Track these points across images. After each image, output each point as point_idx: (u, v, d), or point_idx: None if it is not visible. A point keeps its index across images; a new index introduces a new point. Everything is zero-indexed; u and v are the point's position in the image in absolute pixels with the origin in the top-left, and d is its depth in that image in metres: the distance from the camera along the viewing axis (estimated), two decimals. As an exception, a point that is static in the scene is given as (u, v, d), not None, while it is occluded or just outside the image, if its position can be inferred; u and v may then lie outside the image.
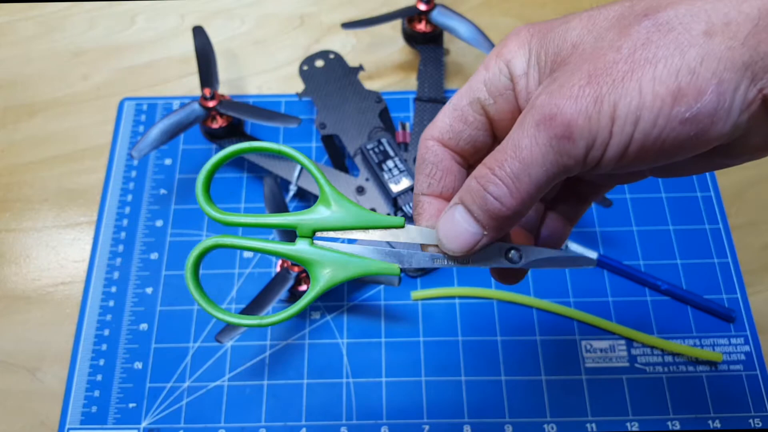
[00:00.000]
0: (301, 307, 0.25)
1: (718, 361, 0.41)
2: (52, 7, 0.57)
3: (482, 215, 0.23)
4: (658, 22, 0.19)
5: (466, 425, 0.40)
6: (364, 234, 0.25)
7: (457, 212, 0.23)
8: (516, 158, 0.21)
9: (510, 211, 0.22)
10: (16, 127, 0.51)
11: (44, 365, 0.42)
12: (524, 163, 0.21)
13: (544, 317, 0.43)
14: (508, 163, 0.21)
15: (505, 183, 0.21)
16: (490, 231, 0.23)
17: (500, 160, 0.22)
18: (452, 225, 0.24)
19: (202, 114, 0.45)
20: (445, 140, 0.25)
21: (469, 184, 0.23)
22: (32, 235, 0.47)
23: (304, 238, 0.25)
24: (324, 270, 0.25)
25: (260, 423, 0.40)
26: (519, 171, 0.21)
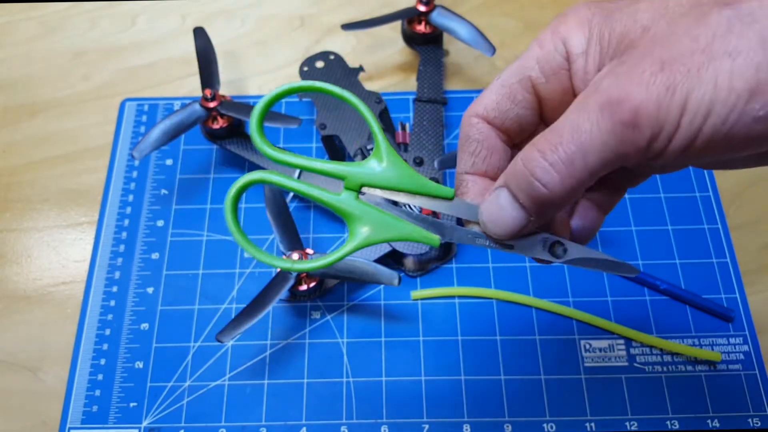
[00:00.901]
0: (334, 259, 0.24)
1: (717, 361, 0.41)
2: (52, 8, 0.57)
3: (528, 201, 0.22)
4: (741, 13, 0.18)
5: (465, 424, 0.40)
6: (409, 198, 0.25)
7: (501, 195, 0.23)
8: (573, 142, 0.20)
9: (558, 198, 0.21)
10: (17, 127, 0.51)
11: (45, 365, 0.42)
12: (581, 147, 0.20)
13: (544, 317, 0.43)
14: (563, 147, 0.20)
15: (556, 168, 0.20)
16: (536, 217, 0.22)
17: (554, 143, 0.20)
18: (496, 208, 0.23)
19: (203, 114, 0.45)
20: (490, 118, 0.24)
21: (515, 167, 0.22)
22: (33, 235, 0.47)
23: (349, 191, 0.25)
24: (364, 227, 0.24)
25: (261, 422, 0.40)
26: (574, 156, 0.20)
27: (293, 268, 0.25)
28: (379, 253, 0.43)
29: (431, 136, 0.47)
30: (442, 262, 0.45)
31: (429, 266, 0.45)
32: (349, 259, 0.40)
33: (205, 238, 0.46)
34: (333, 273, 0.40)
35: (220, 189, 0.48)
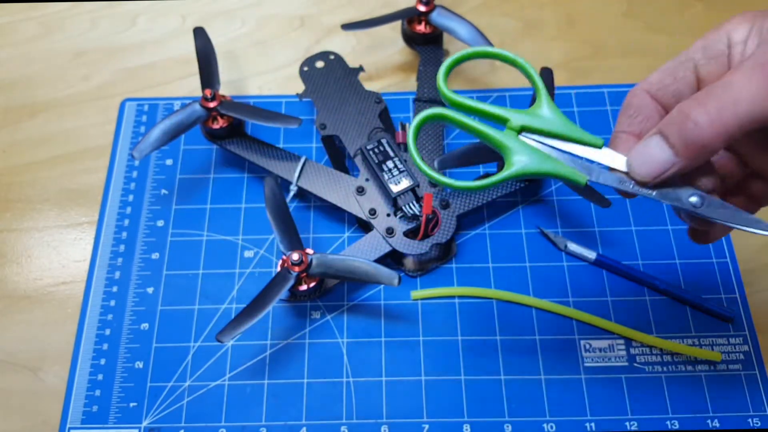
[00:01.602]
0: (493, 181, 0.28)
1: (717, 361, 0.41)
2: (53, 8, 0.57)
3: (678, 140, 0.24)
4: None
5: (465, 424, 0.40)
6: (563, 144, 0.28)
7: (653, 139, 0.26)
8: (725, 93, 0.23)
9: (706, 138, 0.24)
10: (17, 127, 0.51)
11: (45, 365, 0.42)
12: (733, 97, 0.23)
13: (544, 317, 0.43)
14: (716, 95, 0.23)
15: (709, 112, 0.23)
16: (682, 157, 0.25)
17: (709, 92, 0.24)
18: (645, 149, 0.26)
19: (203, 114, 0.45)
20: (653, 92, 0.28)
21: (671, 114, 0.25)
22: (33, 235, 0.47)
23: (511, 131, 0.28)
24: (520, 157, 0.28)
25: (261, 422, 0.40)
26: (726, 103, 0.23)
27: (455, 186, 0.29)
28: (379, 253, 0.43)
29: (431, 136, 0.47)
30: (441, 262, 0.45)
31: (429, 266, 0.45)
32: (349, 259, 0.40)
33: (205, 238, 0.46)
34: (333, 273, 0.40)
35: (220, 189, 0.48)
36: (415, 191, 0.43)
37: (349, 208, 0.44)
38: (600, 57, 0.54)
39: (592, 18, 0.56)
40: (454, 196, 0.44)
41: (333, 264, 0.40)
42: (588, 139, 0.28)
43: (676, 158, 0.25)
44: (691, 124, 0.24)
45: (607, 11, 0.56)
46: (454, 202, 0.44)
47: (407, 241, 0.43)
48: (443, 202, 0.44)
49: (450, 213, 0.44)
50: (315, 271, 0.40)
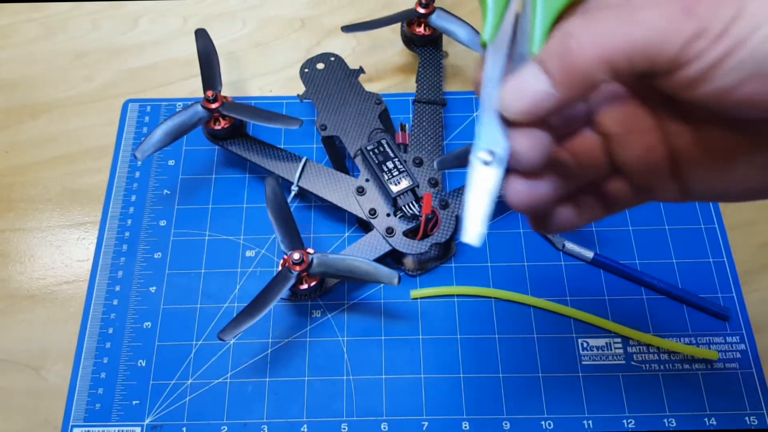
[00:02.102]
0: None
1: (714, 360, 0.42)
2: (55, 9, 0.58)
3: (555, 64, 0.20)
4: None
5: (464, 422, 0.40)
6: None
7: (529, 67, 0.21)
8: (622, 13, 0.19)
9: (587, 63, 0.20)
10: (20, 127, 0.52)
11: (48, 363, 0.43)
12: (630, 18, 0.19)
13: (542, 315, 0.43)
14: (609, 14, 0.20)
15: (595, 32, 0.20)
16: (559, 87, 0.20)
17: (606, 13, 0.20)
18: (519, 78, 0.21)
19: (205, 115, 0.45)
20: None
21: (553, 36, 0.21)
22: (36, 234, 0.47)
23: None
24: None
25: (262, 419, 0.40)
26: (619, 24, 0.19)
27: None
28: (378, 253, 0.43)
29: (431, 136, 0.47)
30: (441, 261, 0.45)
31: (428, 266, 0.45)
32: (349, 258, 0.41)
33: (207, 238, 0.46)
34: (333, 272, 0.41)
35: (222, 189, 0.48)
36: (414, 191, 0.43)
37: (350, 208, 0.44)
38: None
39: None
40: (454, 196, 0.45)
41: (333, 263, 0.41)
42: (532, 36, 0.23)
43: (553, 88, 0.20)
44: (573, 43, 0.20)
45: None
46: (454, 202, 0.44)
47: (407, 240, 0.43)
48: (443, 202, 0.44)
49: (449, 213, 0.44)
50: (316, 271, 0.40)
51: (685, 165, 0.24)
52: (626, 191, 0.26)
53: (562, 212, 0.25)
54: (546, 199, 0.23)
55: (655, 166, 0.24)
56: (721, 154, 0.23)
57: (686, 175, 0.24)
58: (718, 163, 0.23)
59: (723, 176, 0.23)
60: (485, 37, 0.23)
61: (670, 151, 0.24)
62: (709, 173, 0.24)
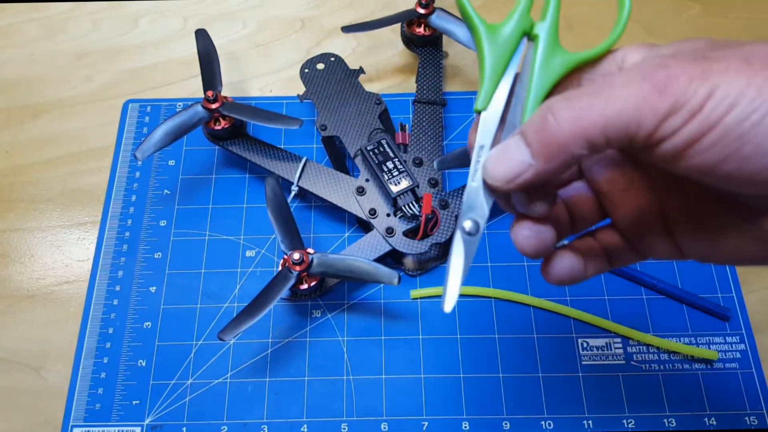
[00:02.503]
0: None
1: (714, 359, 0.42)
2: (55, 9, 0.58)
3: (535, 137, 0.21)
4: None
5: (464, 422, 0.40)
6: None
7: (512, 138, 0.22)
8: (598, 92, 0.20)
9: (564, 137, 0.20)
10: (21, 128, 0.52)
11: (48, 363, 0.43)
12: (605, 97, 0.20)
13: (542, 315, 0.43)
14: (586, 93, 0.21)
15: (573, 108, 0.20)
16: (538, 159, 0.21)
17: (580, 91, 0.21)
18: (502, 149, 0.23)
19: (205, 116, 0.45)
20: None
21: (535, 112, 0.22)
22: (37, 234, 0.47)
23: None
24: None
25: (262, 419, 0.40)
26: (595, 102, 0.20)
27: None
28: (379, 253, 0.43)
29: (430, 137, 0.47)
30: (441, 261, 0.45)
31: (428, 265, 0.45)
32: (349, 258, 0.41)
33: (207, 238, 0.46)
34: (333, 272, 0.41)
35: (222, 189, 0.48)
36: (414, 191, 0.43)
37: (350, 208, 0.44)
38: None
39: (590, 22, 0.57)
40: (454, 196, 0.45)
41: (333, 263, 0.41)
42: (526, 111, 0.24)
43: (533, 160, 0.21)
44: (551, 118, 0.21)
45: (605, 15, 0.57)
46: (453, 202, 0.44)
47: (407, 240, 0.43)
48: (442, 202, 0.44)
49: (449, 213, 0.44)
50: (316, 271, 0.40)
51: (676, 228, 0.25)
52: (622, 246, 0.27)
53: (572, 264, 0.26)
54: (551, 242, 0.24)
55: (647, 225, 0.26)
56: (711, 223, 0.24)
57: (678, 237, 0.25)
58: (708, 231, 0.24)
59: (713, 243, 0.24)
60: (479, 105, 0.25)
61: (661, 212, 0.25)
62: (700, 239, 0.25)
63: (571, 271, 0.26)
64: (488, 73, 0.25)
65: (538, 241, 0.24)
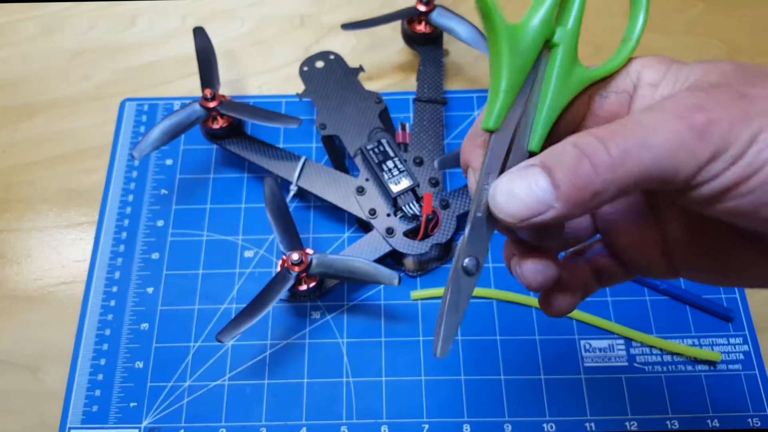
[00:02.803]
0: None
1: (717, 361, 0.41)
2: (52, 8, 0.57)
3: (565, 178, 0.19)
4: None
5: (465, 424, 0.40)
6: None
7: (532, 170, 0.20)
8: (636, 135, 0.19)
9: (600, 186, 0.19)
10: (17, 127, 0.51)
11: (45, 365, 0.42)
12: (642, 140, 0.19)
13: (543, 317, 0.43)
14: (624, 135, 0.19)
15: (612, 154, 0.19)
16: (563, 202, 0.19)
17: (615, 132, 0.19)
18: (519, 181, 0.20)
19: (202, 114, 0.45)
20: None
21: (561, 148, 0.20)
22: (33, 235, 0.47)
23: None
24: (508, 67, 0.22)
25: (261, 422, 0.40)
26: (633, 146, 0.18)
27: None
28: (379, 253, 0.43)
29: (431, 136, 0.47)
30: (441, 262, 0.45)
31: (429, 266, 0.45)
32: (349, 259, 0.40)
33: (205, 238, 0.46)
34: (333, 273, 0.40)
35: (220, 189, 0.48)
36: (415, 191, 0.43)
37: (349, 208, 0.44)
38: (601, 57, 0.53)
39: (592, 18, 0.56)
40: (455, 196, 0.44)
41: (333, 264, 0.40)
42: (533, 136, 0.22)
43: (557, 202, 0.19)
44: (587, 163, 0.19)
45: (607, 11, 0.56)
46: (454, 202, 0.44)
47: (407, 241, 0.43)
48: (443, 202, 0.44)
49: (450, 213, 0.44)
50: (315, 271, 0.40)
51: (676, 253, 0.24)
52: (613, 267, 0.26)
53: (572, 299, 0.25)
54: (556, 275, 0.23)
55: (646, 250, 0.25)
56: (719, 255, 0.23)
57: (677, 262, 0.25)
58: (715, 261, 0.23)
59: (719, 272, 0.24)
60: (491, 124, 0.22)
61: (663, 238, 0.25)
62: (704, 267, 0.24)
63: (569, 305, 0.25)
64: (505, 87, 0.21)
65: (545, 276, 0.23)
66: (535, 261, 0.23)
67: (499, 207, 0.21)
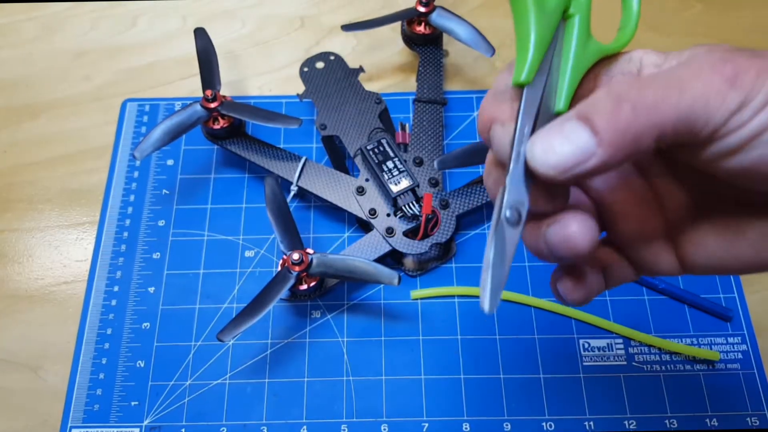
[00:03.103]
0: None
1: (716, 360, 0.42)
2: (53, 8, 0.58)
3: (606, 124, 0.19)
4: None
5: (465, 423, 0.40)
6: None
7: (568, 123, 0.20)
8: (670, 81, 0.19)
9: (641, 128, 0.19)
10: (19, 127, 0.51)
11: (47, 364, 0.42)
12: (679, 86, 0.19)
13: (543, 316, 0.43)
14: (659, 82, 0.19)
15: (650, 97, 0.19)
16: (606, 148, 0.19)
17: (649, 81, 0.20)
18: (557, 133, 0.20)
19: (203, 115, 0.45)
20: None
21: (595, 98, 0.20)
22: (35, 234, 0.47)
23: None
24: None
25: (261, 421, 0.40)
26: (670, 91, 0.19)
27: None
28: (379, 253, 0.43)
29: (431, 136, 0.47)
30: (441, 262, 0.45)
31: (429, 266, 0.45)
32: (349, 258, 0.41)
33: (206, 238, 0.46)
34: (333, 272, 0.40)
35: (221, 189, 0.48)
36: (414, 191, 0.43)
37: (349, 208, 0.44)
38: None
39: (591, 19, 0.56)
40: (454, 196, 0.44)
41: (333, 263, 0.40)
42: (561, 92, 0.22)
43: (598, 148, 0.19)
44: (626, 106, 0.19)
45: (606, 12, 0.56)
46: (454, 202, 0.44)
47: (407, 240, 0.43)
48: (443, 202, 0.44)
49: (450, 213, 0.44)
50: (315, 271, 0.40)
51: (684, 239, 0.24)
52: (618, 262, 0.26)
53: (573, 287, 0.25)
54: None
55: (650, 237, 0.25)
56: (730, 227, 0.23)
57: (684, 247, 0.24)
58: (725, 236, 0.23)
59: (731, 249, 0.23)
60: (524, 77, 0.21)
61: (666, 223, 0.24)
62: (710, 246, 0.24)
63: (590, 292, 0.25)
64: (535, 40, 0.21)
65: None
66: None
67: (539, 161, 0.20)
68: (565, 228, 0.21)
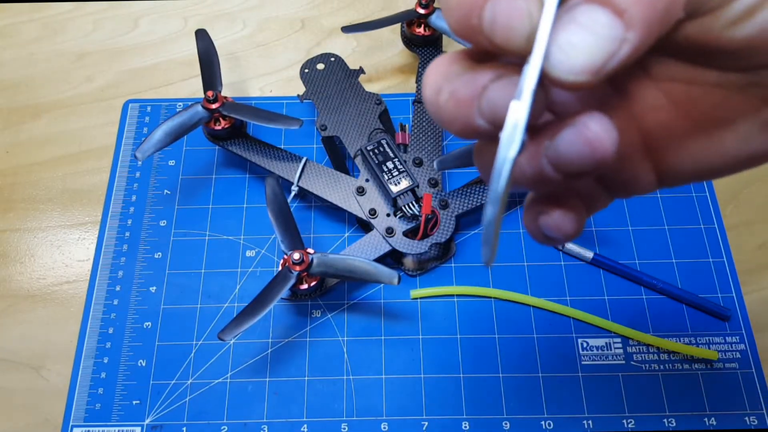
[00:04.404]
0: None
1: (714, 359, 0.42)
2: (55, 9, 0.58)
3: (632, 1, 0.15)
4: None
5: (464, 422, 0.40)
6: None
7: (580, 10, 0.16)
8: None
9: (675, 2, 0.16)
10: (21, 128, 0.52)
11: (48, 363, 0.43)
12: None
13: (542, 315, 0.43)
14: None
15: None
16: (637, 29, 0.16)
17: None
18: (574, 26, 0.16)
19: (205, 116, 0.45)
20: None
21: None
22: (37, 234, 0.47)
23: None
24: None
25: (262, 419, 0.40)
26: None
27: None
28: (378, 253, 0.43)
29: (430, 137, 0.47)
30: (441, 261, 0.45)
31: (428, 266, 0.45)
32: (349, 258, 0.41)
33: (207, 238, 0.47)
34: (333, 272, 0.41)
35: (222, 189, 0.48)
36: (414, 191, 0.43)
37: (350, 208, 0.44)
38: None
39: None
40: (454, 196, 0.45)
41: (333, 263, 0.41)
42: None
43: (628, 31, 0.16)
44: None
45: None
46: (453, 202, 0.44)
47: (407, 240, 0.43)
48: (442, 202, 0.44)
49: (449, 213, 0.44)
50: (316, 271, 0.40)
51: (663, 145, 0.21)
52: (594, 185, 0.22)
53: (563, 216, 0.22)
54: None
55: (626, 150, 0.21)
56: (718, 118, 0.20)
57: (666, 154, 0.21)
58: (712, 130, 0.20)
59: (716, 145, 0.20)
60: None
61: (642, 132, 0.21)
62: (698, 144, 0.21)
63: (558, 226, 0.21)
64: None
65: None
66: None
67: (561, 67, 0.16)
68: (584, 129, 0.17)
